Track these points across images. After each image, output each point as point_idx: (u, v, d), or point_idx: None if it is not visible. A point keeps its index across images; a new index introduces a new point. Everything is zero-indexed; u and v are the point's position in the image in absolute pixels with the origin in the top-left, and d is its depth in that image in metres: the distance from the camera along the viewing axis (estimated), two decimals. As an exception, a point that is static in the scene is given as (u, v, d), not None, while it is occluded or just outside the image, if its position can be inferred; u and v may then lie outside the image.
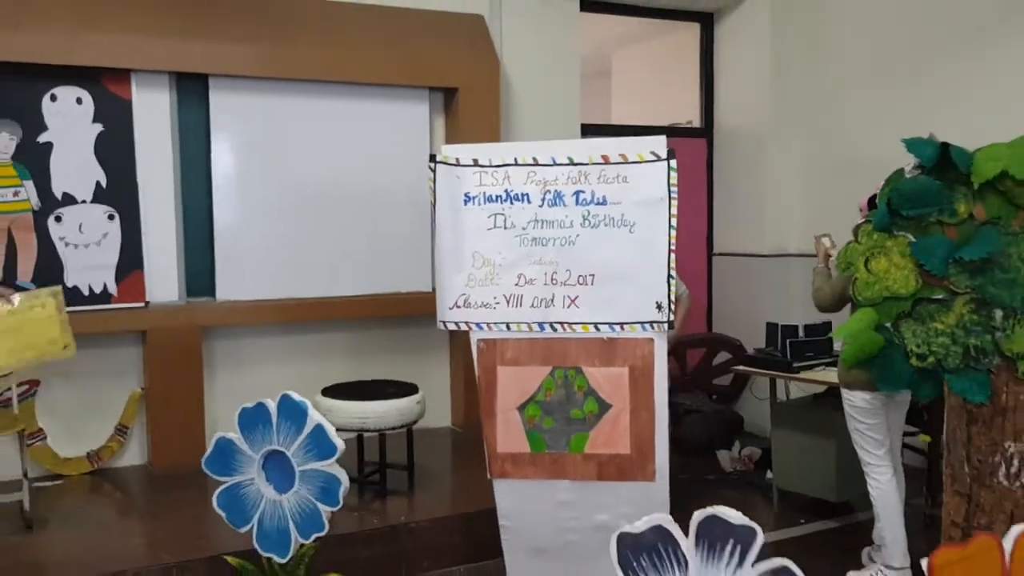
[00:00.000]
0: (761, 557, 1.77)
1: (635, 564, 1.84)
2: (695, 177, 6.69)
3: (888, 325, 3.21)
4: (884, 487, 3.57)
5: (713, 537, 1.78)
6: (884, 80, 5.35)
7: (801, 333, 4.52)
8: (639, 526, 1.84)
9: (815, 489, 4.47)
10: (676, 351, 6.12)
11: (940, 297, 3.10)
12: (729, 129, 6.55)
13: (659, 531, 1.83)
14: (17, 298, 3.97)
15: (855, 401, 3.59)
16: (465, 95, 5.36)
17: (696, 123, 6.80)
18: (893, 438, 3.71)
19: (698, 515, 1.79)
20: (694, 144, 6.71)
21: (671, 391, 5.87)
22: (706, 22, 6.61)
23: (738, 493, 4.91)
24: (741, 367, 4.78)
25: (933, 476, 4.27)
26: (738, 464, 5.34)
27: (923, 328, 3.14)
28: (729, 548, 1.77)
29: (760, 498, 4.81)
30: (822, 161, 5.84)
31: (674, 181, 3.57)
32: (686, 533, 1.82)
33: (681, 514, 1.90)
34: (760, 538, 1.77)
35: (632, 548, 1.84)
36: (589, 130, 6.16)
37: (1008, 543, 1.79)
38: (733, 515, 1.77)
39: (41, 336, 3.99)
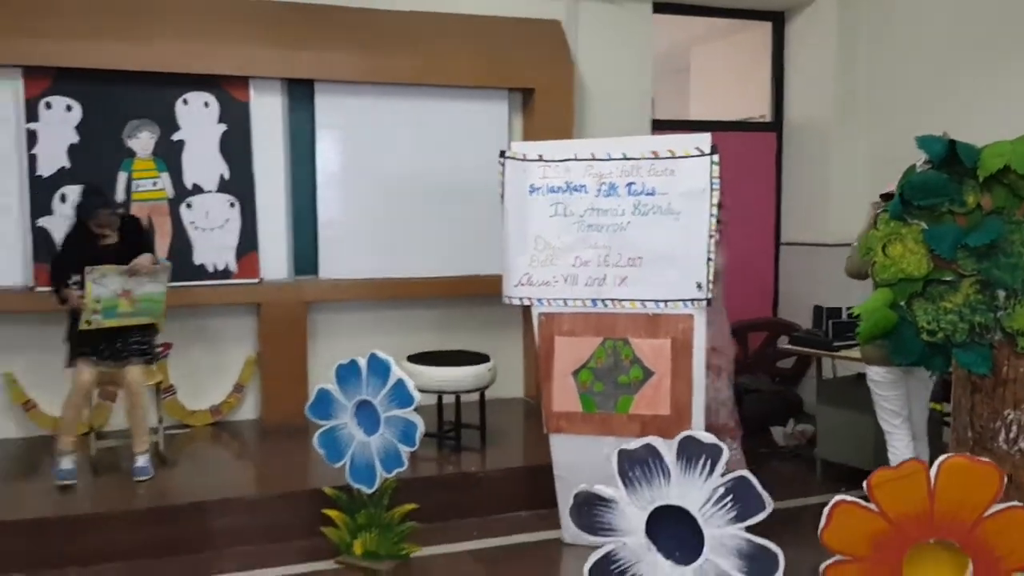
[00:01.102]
0: (726, 471, 2.25)
1: (630, 474, 2.34)
2: (764, 169, 7.02)
3: (902, 303, 3.57)
4: (900, 453, 3.92)
5: (690, 453, 2.27)
6: (945, 77, 5.57)
7: (844, 315, 4.86)
8: (634, 444, 2.34)
9: (854, 459, 4.80)
10: (738, 334, 6.49)
11: (949, 279, 3.45)
12: (798, 123, 6.85)
13: (649, 448, 2.32)
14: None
15: (874, 375, 3.95)
16: (541, 95, 5.86)
17: (768, 118, 7.12)
18: (916, 412, 4.04)
19: (678, 437, 2.28)
20: (764, 138, 7.04)
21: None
22: (777, 21, 6.92)
23: (786, 463, 5.30)
24: (787, 346, 5.15)
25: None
26: (791, 440, 5.70)
27: (933, 307, 3.50)
28: (702, 462, 2.25)
29: (806, 468, 5.18)
30: (885, 155, 6.08)
31: (716, 174, 3.98)
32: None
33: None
34: (726, 454, 2.24)
35: (628, 461, 2.35)
36: (662, 126, 6.57)
37: (934, 469, 2.20)
38: (705, 436, 2.26)
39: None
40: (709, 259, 3.95)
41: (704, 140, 4.03)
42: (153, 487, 4.31)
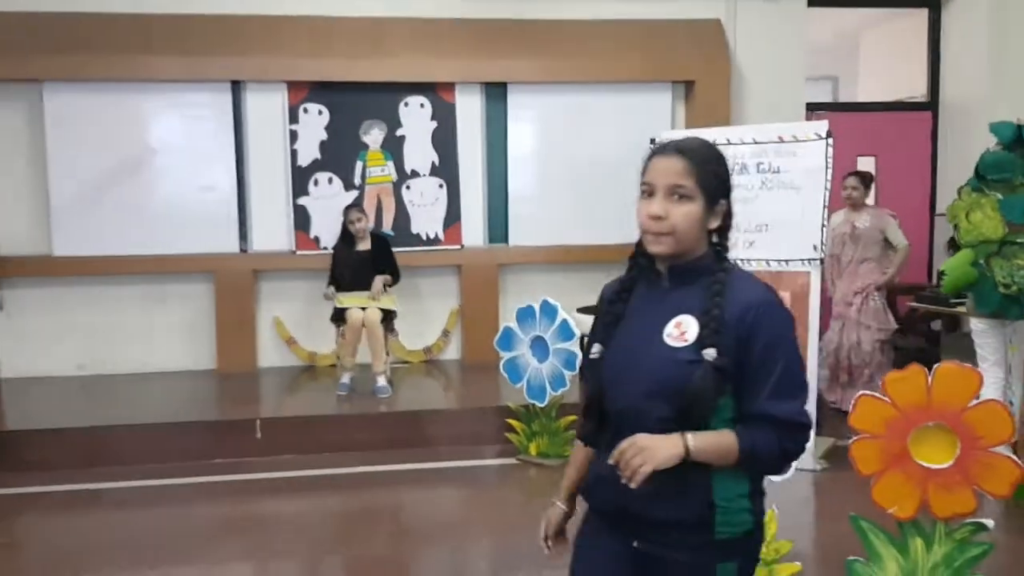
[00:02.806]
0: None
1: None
2: (920, 145, 7.47)
3: (982, 262, 4.24)
4: (986, 393, 4.51)
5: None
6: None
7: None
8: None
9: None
10: (887, 298, 7.05)
11: (1021, 241, 4.10)
12: (952, 103, 7.25)
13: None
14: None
15: (973, 325, 4.57)
16: (700, 87, 6.72)
17: (926, 98, 7.54)
18: (1015, 357, 4.62)
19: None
20: (920, 116, 7.48)
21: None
22: (933, 6, 7.32)
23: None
24: (912, 304, 5.75)
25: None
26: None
27: (1008, 264, 4.16)
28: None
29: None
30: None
31: (831, 155, 4.75)
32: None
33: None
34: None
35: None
36: (817, 108, 7.22)
37: (931, 372, 2.97)
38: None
39: None
40: (823, 225, 4.74)
41: (822, 126, 4.80)
42: (384, 401, 5.67)
